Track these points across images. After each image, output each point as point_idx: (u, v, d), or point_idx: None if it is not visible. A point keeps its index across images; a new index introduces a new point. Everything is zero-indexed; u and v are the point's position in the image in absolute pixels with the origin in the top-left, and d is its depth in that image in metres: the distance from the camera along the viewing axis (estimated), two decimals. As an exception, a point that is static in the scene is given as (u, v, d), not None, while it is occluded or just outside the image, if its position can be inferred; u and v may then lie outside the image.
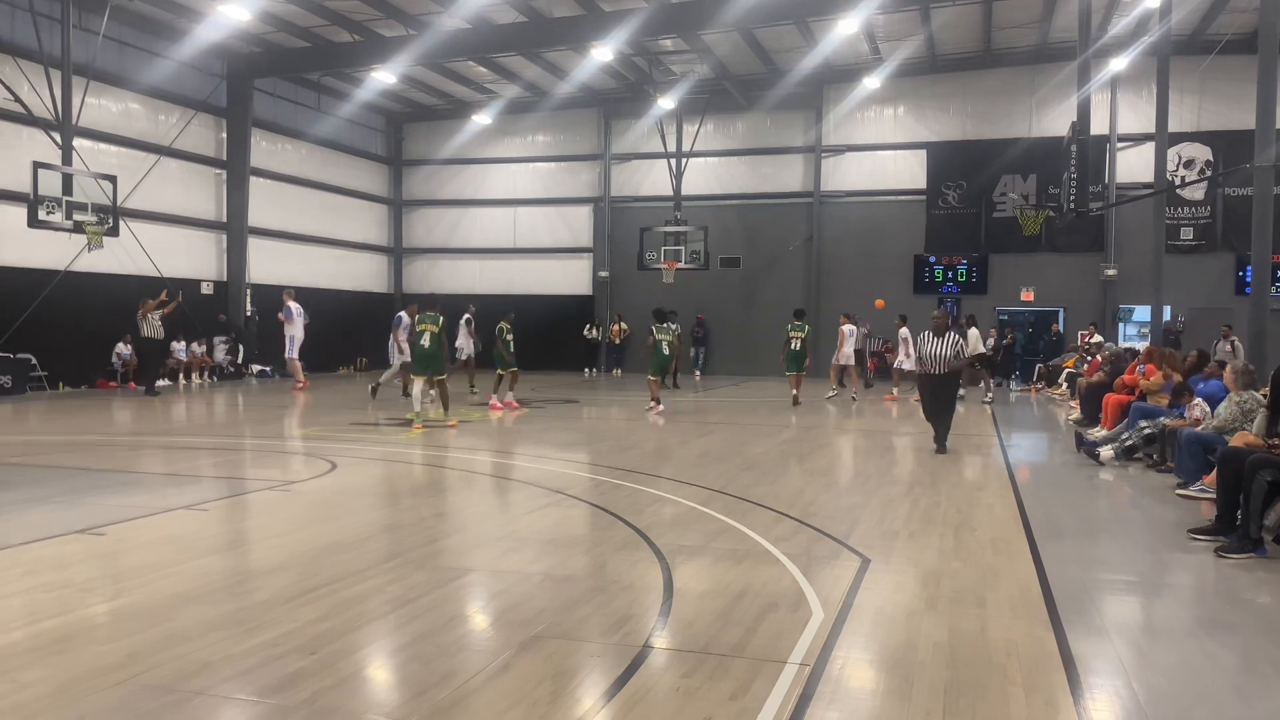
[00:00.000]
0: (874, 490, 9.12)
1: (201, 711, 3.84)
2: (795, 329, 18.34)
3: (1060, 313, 26.58)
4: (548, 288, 30.16)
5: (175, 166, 23.46)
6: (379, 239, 31.57)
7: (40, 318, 19.75)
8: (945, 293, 26.98)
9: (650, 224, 27.27)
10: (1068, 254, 25.82)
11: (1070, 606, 5.36)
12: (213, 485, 9.43)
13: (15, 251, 19.34)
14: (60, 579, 5.69)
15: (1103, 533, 7.77)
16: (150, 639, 4.62)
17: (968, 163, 26.50)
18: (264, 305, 25.45)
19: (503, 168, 31.08)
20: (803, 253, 28.09)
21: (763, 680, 4.18)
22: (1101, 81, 23.48)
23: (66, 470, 9.92)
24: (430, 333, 13.72)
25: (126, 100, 22.17)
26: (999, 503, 8.60)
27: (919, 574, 6.05)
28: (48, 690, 3.98)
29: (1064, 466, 11.26)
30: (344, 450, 11.46)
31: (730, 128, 28.84)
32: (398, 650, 4.64)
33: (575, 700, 4.00)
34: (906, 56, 25.47)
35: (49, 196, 18.26)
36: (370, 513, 8.12)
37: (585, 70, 26.10)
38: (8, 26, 19.17)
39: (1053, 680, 4.27)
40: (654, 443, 13.04)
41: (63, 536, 6.78)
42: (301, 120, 27.74)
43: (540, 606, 5.26)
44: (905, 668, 4.38)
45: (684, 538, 6.98)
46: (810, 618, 5.06)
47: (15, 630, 4.75)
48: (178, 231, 23.60)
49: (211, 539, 7.06)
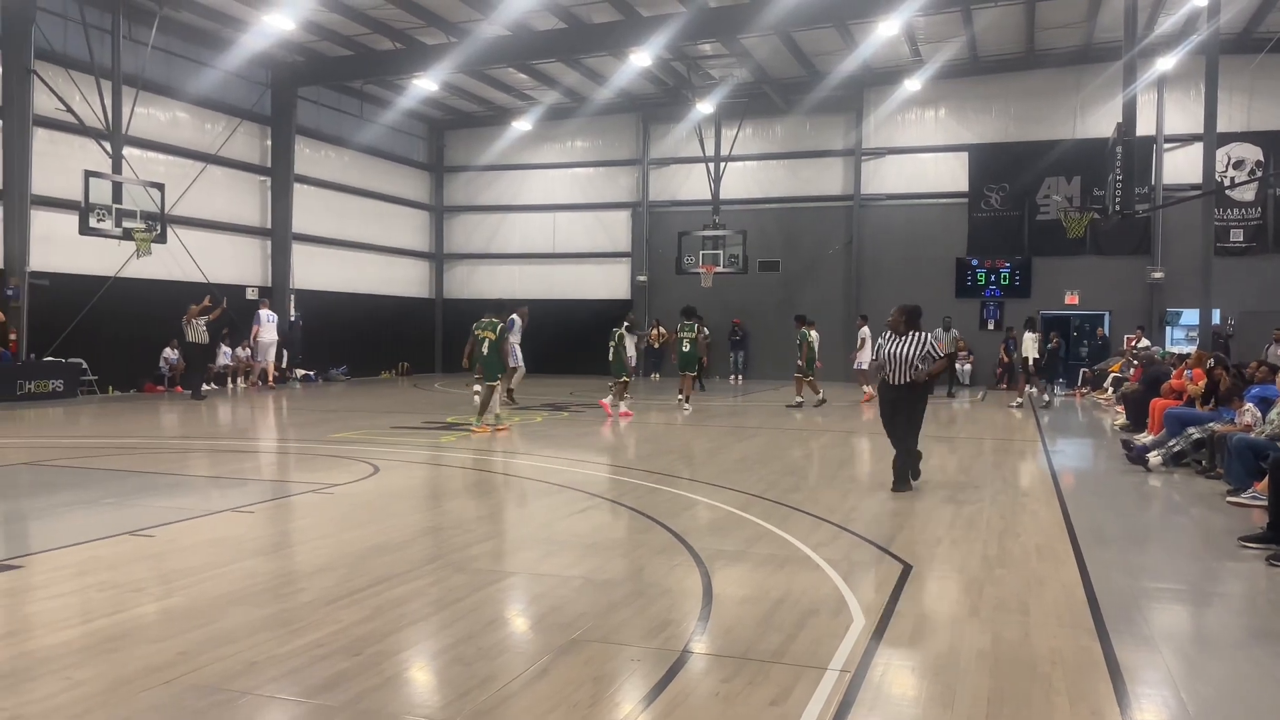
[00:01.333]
0: (916, 496, 9.04)
1: (248, 711, 3.90)
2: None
3: (1106, 316, 26.17)
4: (586, 292, 30.25)
5: (221, 174, 23.85)
6: (421, 245, 31.87)
7: (91, 323, 20.17)
8: (988, 296, 26.70)
9: (689, 228, 27.24)
10: (1113, 257, 25.42)
11: (1117, 615, 5.27)
12: (257, 488, 9.57)
13: (67, 258, 19.77)
14: (111, 579, 5.80)
15: (1150, 540, 7.64)
16: (198, 639, 4.70)
17: (1010, 165, 26.19)
18: (307, 311, 25.82)
19: (542, 173, 31.25)
20: (843, 256, 27.93)
21: (803, 686, 4.16)
22: (1148, 81, 23.11)
23: (116, 473, 10.11)
24: (489, 339, 14.24)
25: (174, 109, 22.59)
26: (1044, 509, 8.49)
27: (962, 581, 5.99)
28: (100, 688, 4.06)
29: (1110, 472, 11.09)
30: (386, 453, 11.57)
31: (769, 131, 28.76)
32: (439, 652, 4.68)
33: (615, 704, 4.00)
34: (948, 58, 25.24)
35: (100, 204, 18.67)
36: (412, 515, 8.19)
37: (624, 75, 26.16)
38: (60, 39, 19.61)
39: (1099, 690, 4.20)
40: (692, 447, 13.02)
41: (113, 538, 6.91)
42: (344, 128, 28.09)
43: (580, 610, 5.28)
44: (947, 675, 4.34)
45: (723, 542, 6.96)
46: (851, 624, 5.03)
47: (69, 629, 4.85)
48: (223, 238, 23.99)
49: (257, 541, 7.16)
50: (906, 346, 9.24)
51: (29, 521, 7.95)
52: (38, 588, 5.71)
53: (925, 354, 9.21)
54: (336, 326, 26.86)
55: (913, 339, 9.27)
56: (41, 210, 19.18)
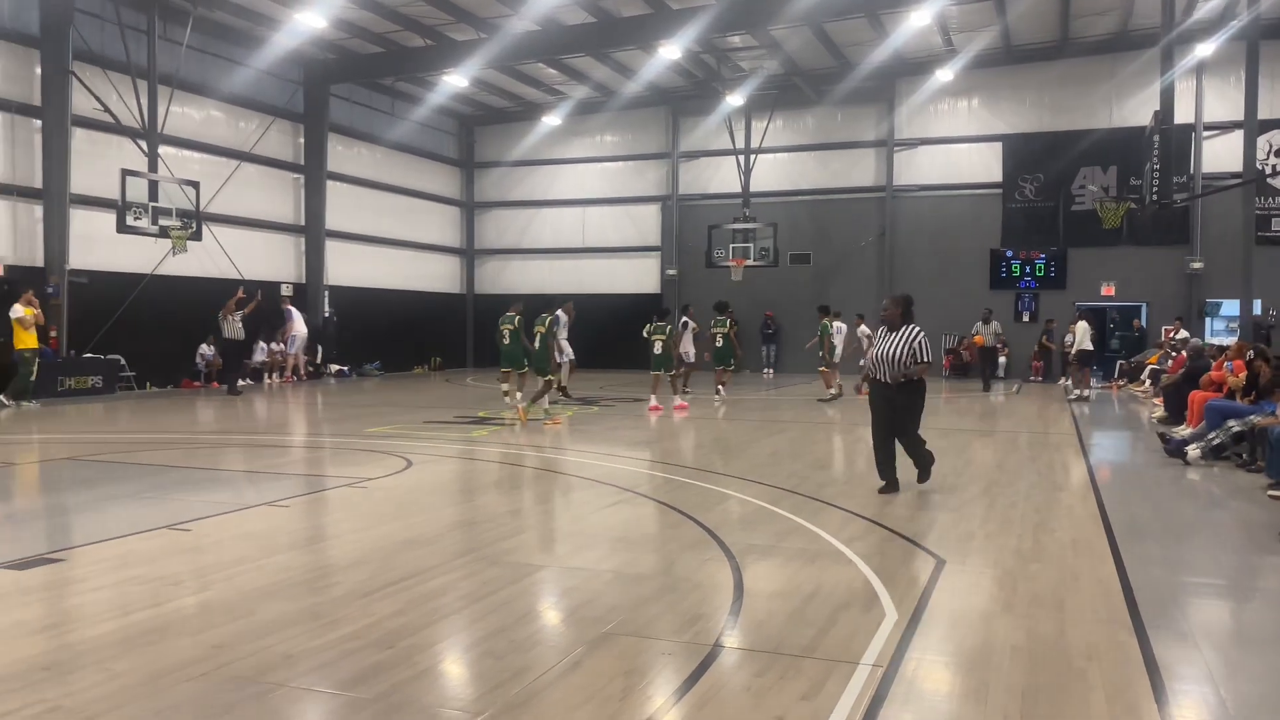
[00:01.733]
0: (950, 490, 8.97)
1: (282, 703, 3.94)
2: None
3: (1143, 308, 25.81)
4: (616, 286, 30.25)
5: (255, 171, 24.10)
6: (452, 240, 32.04)
7: (128, 320, 20.47)
8: (1023, 288, 26.42)
9: (719, 221, 27.16)
10: (1150, 247, 25.03)
11: (1154, 610, 5.20)
12: (292, 482, 9.66)
13: (105, 256, 20.08)
14: (149, 573, 5.89)
15: (1189, 534, 7.53)
16: (233, 632, 4.76)
17: (1045, 154, 25.88)
18: (341, 306, 26.05)
19: (572, 168, 31.29)
20: (875, 248, 27.74)
21: (835, 681, 4.14)
22: (1186, 68, 22.71)
23: (154, 467, 10.26)
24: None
25: (208, 108, 22.84)
26: (1079, 503, 8.39)
27: (996, 575, 5.93)
28: (138, 680, 4.12)
29: (1147, 466, 10.94)
30: (418, 448, 11.65)
31: (800, 123, 28.61)
32: (471, 645, 4.70)
33: (646, 698, 4.01)
34: (981, 48, 24.95)
35: (136, 202, 18.93)
36: (444, 509, 8.24)
37: (653, 69, 26.13)
38: (97, 39, 19.89)
39: (1136, 686, 4.15)
40: (723, 441, 13.00)
41: (150, 532, 7.01)
42: (376, 125, 28.27)
43: (611, 604, 5.29)
44: (981, 670, 4.30)
45: (754, 537, 6.95)
46: (883, 619, 5.00)
47: (109, 621, 4.93)
48: (257, 235, 24.24)
49: (291, 535, 7.23)
50: (900, 344, 8.50)
51: (71, 515, 8.08)
52: (79, 580, 5.81)
53: (913, 354, 8.44)
54: (369, 322, 27.10)
55: (905, 335, 8.53)
56: (80, 209, 19.49)
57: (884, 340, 8.63)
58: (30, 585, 5.64)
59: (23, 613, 5.09)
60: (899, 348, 8.46)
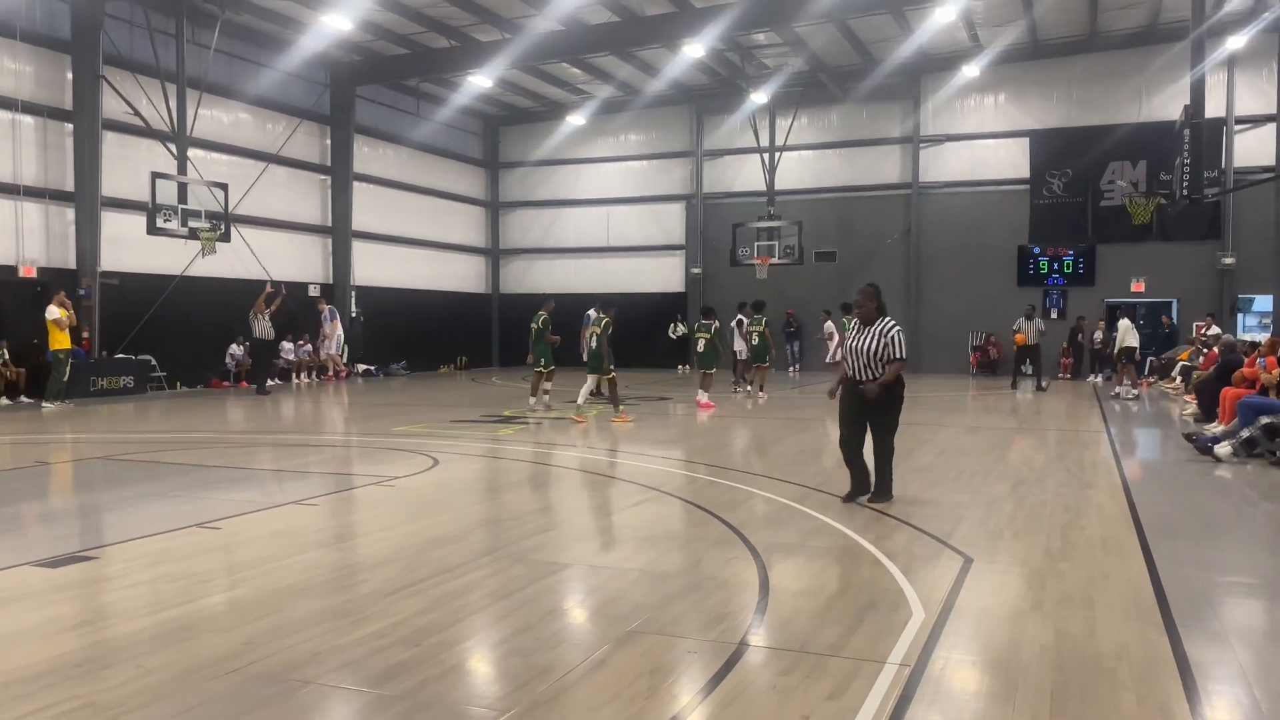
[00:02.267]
0: (977, 488, 8.91)
1: (311, 700, 3.97)
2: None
3: (1173, 304, 25.51)
4: (640, 286, 30.26)
5: (282, 173, 24.31)
6: (477, 240, 32.17)
7: (159, 321, 20.71)
8: (1051, 284, 26.18)
9: (743, 219, 27.09)
10: (1181, 243, 24.74)
11: (1186, 610, 5.14)
12: (320, 481, 9.74)
13: (136, 258, 20.33)
14: (180, 570, 5.95)
15: (1221, 533, 7.43)
16: (262, 629, 4.80)
17: (1073, 150, 25.63)
18: (367, 307, 26.24)
19: (596, 167, 31.33)
20: (901, 245, 27.59)
21: (861, 680, 4.12)
22: (1217, 61, 22.44)
23: (185, 466, 10.37)
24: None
25: (236, 111, 23.06)
26: (1109, 501, 8.30)
27: (1024, 574, 5.88)
28: (170, 676, 4.17)
29: (1178, 464, 10.81)
30: (445, 447, 11.71)
31: (825, 120, 28.50)
32: (498, 643, 4.72)
33: (672, 696, 4.01)
34: (1008, 42, 24.76)
35: (166, 205, 19.15)
36: (470, 508, 8.27)
37: (677, 67, 26.11)
38: (127, 44, 20.14)
39: (1167, 686, 4.10)
40: (748, 439, 12.97)
41: (181, 530, 7.09)
42: (401, 126, 28.43)
43: (636, 602, 5.29)
44: (1009, 670, 4.27)
45: (780, 535, 6.93)
46: (910, 618, 4.97)
47: (141, 618, 4.99)
48: (285, 236, 24.44)
49: (319, 533, 7.29)
50: (875, 338, 7.79)
51: (104, 514, 8.19)
52: (112, 578, 5.88)
53: (887, 349, 7.72)
54: (396, 322, 27.27)
55: (880, 328, 7.80)
56: (111, 211, 19.74)
57: (858, 335, 7.96)
58: (64, 583, 5.71)
59: (56, 610, 5.17)
60: (874, 342, 7.78)
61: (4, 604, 5.24)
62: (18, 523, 7.77)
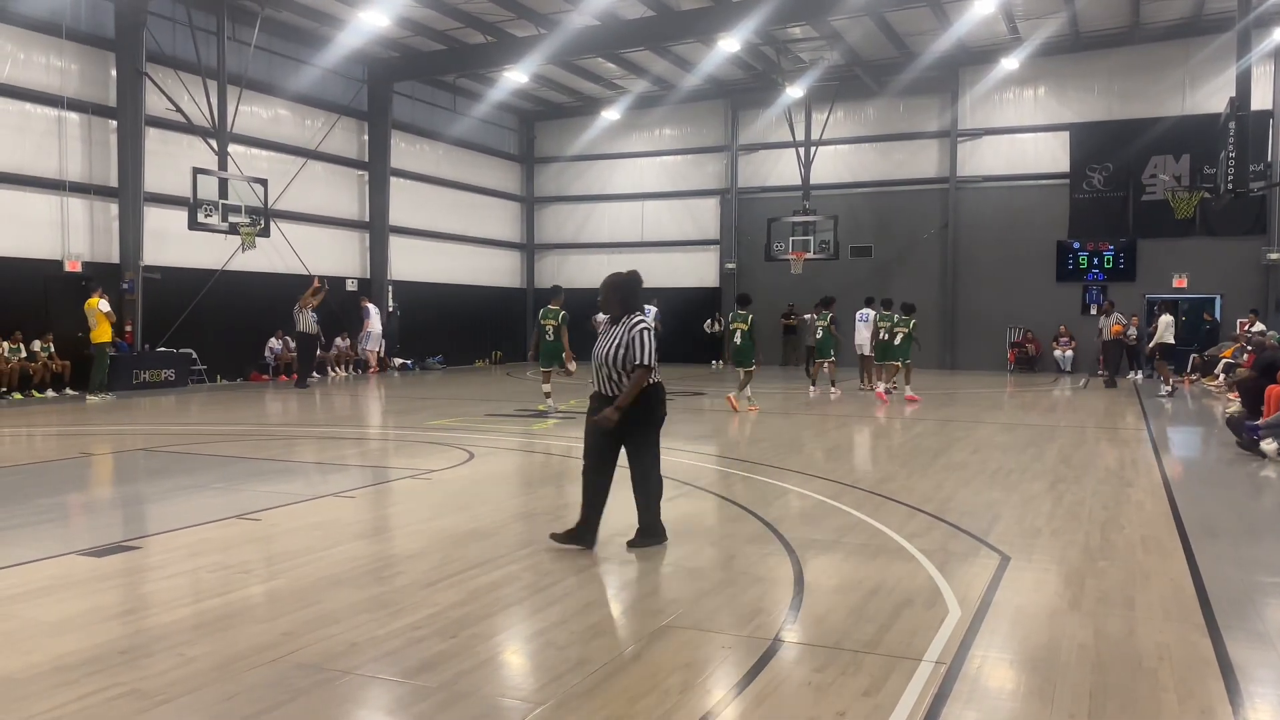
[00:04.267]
0: (1014, 485, 8.82)
1: (349, 690, 4.02)
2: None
3: (1216, 300, 25.07)
4: (675, 280, 30.18)
5: (320, 169, 24.53)
6: (512, 235, 32.29)
7: (200, 315, 20.99)
8: (1090, 280, 25.81)
9: (778, 214, 26.97)
10: (1225, 237, 24.28)
11: (1229, 610, 5.06)
12: (358, 473, 9.84)
13: (178, 252, 20.61)
14: (221, 560, 6.05)
15: (1266, 532, 7.31)
16: (302, 619, 4.87)
17: (1114, 143, 25.23)
18: (404, 301, 26.45)
19: (630, 162, 31.33)
20: (938, 240, 27.33)
21: (897, 677, 4.10)
22: (1263, 52, 22.01)
23: (225, 458, 10.52)
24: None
25: (276, 107, 23.30)
26: (1149, 499, 8.19)
27: (1062, 573, 5.82)
28: (211, 665, 4.24)
29: (1220, 462, 10.64)
30: (480, 440, 11.78)
31: (861, 114, 28.28)
32: (533, 636, 4.75)
33: (706, 691, 4.01)
34: (1048, 35, 24.42)
35: (207, 200, 19.40)
36: (506, 501, 8.32)
37: (712, 62, 26.02)
38: (169, 41, 20.42)
39: (1209, 688, 4.04)
40: (782, 436, 12.93)
41: (222, 521, 7.19)
42: (438, 121, 28.60)
43: (671, 597, 5.30)
44: (1047, 669, 4.23)
45: (814, 532, 6.91)
46: (946, 615, 4.94)
47: (183, 608, 5.08)
48: (323, 231, 24.68)
49: (357, 525, 7.37)
50: (616, 340, 6.22)
51: (146, 505, 8.33)
52: (154, 568, 5.98)
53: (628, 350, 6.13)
54: (432, 316, 27.46)
55: (625, 326, 6.22)
56: (153, 207, 20.04)
57: (601, 337, 6.35)
58: (108, 572, 5.83)
59: (101, 598, 5.27)
60: (617, 345, 6.18)
61: (50, 592, 5.36)
62: (63, 512, 7.93)
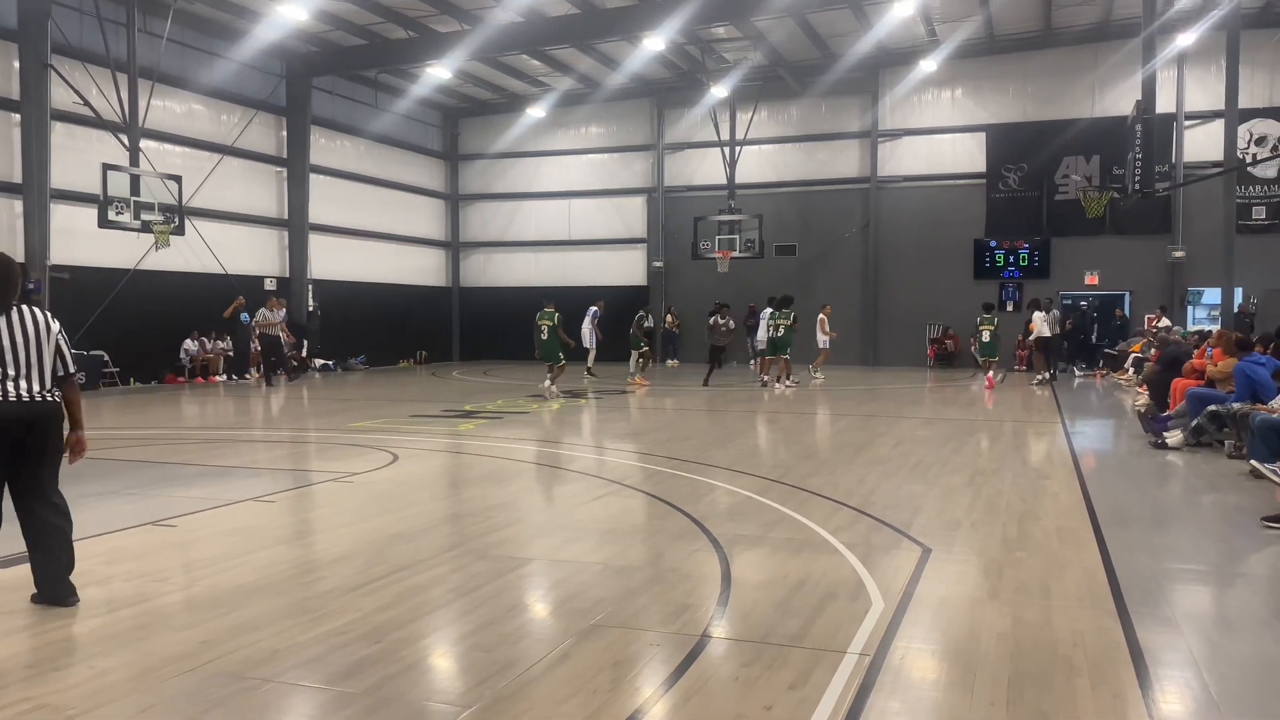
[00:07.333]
0: (935, 479, 9.01)
1: (270, 698, 3.93)
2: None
3: (1126, 296, 25.96)
4: (602, 279, 30.18)
5: (237, 165, 23.94)
6: (436, 233, 31.92)
7: (111, 315, 20.31)
8: (1007, 277, 26.52)
9: (704, 213, 27.18)
10: (1133, 236, 25.18)
11: (1139, 597, 5.25)
12: (277, 477, 9.63)
13: (87, 251, 19.91)
14: (136, 569, 5.86)
15: (1172, 521, 7.59)
16: (220, 627, 4.74)
17: (1028, 144, 25.96)
18: (325, 301, 25.97)
19: (557, 160, 31.22)
20: (859, 239, 27.80)
21: (822, 670, 4.16)
22: (1167, 58, 22.82)
23: (139, 464, 10.20)
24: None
25: (190, 101, 22.67)
26: (1064, 491, 8.44)
27: (982, 564, 5.97)
28: (125, 676, 4.11)
29: (1131, 453, 11.02)
30: (405, 442, 11.62)
31: (784, 114, 28.61)
32: (459, 639, 4.70)
33: (635, 689, 4.02)
34: (964, 38, 25.00)
35: (118, 197, 18.79)
36: (431, 503, 8.22)
37: (638, 60, 26.06)
38: (76, 32, 19.70)
39: (1120, 673, 4.18)
40: (709, 432, 13.02)
41: (136, 528, 6.97)
42: (359, 117, 28.11)
43: (599, 596, 5.29)
44: (968, 658, 4.33)
45: (741, 527, 6.96)
46: (870, 608, 5.03)
47: (96, 618, 4.91)
48: (241, 229, 24.09)
49: (277, 530, 7.21)
50: None
51: (54, 512, 8.02)
52: (63, 578, 5.75)
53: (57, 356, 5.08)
54: (354, 316, 27.01)
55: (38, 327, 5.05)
56: (61, 204, 19.31)
57: None
58: (14, 583, 5.59)
59: (6, 612, 5.06)
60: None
61: (-48, 605, 5.13)
62: (-34, 522, 7.59)
